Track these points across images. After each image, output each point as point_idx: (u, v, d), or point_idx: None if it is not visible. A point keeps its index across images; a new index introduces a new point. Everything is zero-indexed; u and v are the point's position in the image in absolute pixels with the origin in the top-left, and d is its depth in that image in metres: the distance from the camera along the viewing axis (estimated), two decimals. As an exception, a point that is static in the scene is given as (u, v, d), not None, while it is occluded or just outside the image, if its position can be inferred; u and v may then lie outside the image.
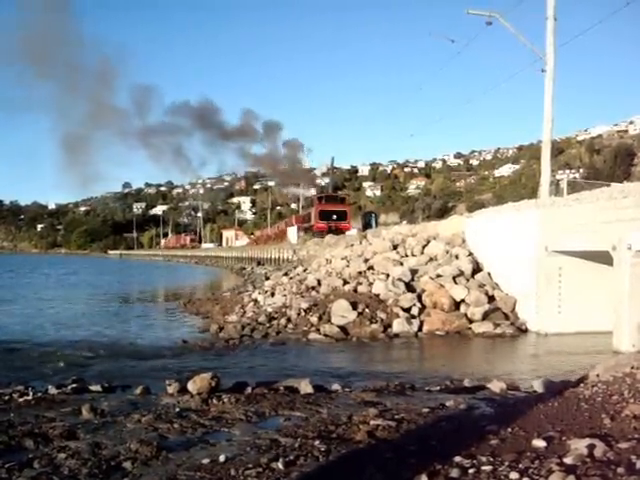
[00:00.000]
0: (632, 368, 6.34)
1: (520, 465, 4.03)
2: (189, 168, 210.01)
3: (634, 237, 11.93)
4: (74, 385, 8.03)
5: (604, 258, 13.07)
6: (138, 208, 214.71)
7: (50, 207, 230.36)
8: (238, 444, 4.86)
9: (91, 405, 6.05)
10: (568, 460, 3.99)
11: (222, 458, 4.45)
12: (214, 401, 6.43)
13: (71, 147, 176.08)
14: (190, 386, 7.02)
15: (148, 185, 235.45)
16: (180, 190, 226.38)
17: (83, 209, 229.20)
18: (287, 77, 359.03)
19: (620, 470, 3.74)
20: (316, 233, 48.84)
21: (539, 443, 4.44)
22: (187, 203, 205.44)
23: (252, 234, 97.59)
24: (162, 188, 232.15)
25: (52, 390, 7.59)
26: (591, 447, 4.13)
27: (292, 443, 4.79)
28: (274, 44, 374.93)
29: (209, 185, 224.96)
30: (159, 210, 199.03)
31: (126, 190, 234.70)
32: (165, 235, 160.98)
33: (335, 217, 51.41)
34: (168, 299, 30.39)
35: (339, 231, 46.21)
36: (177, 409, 6.10)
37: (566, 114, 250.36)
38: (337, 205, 54.08)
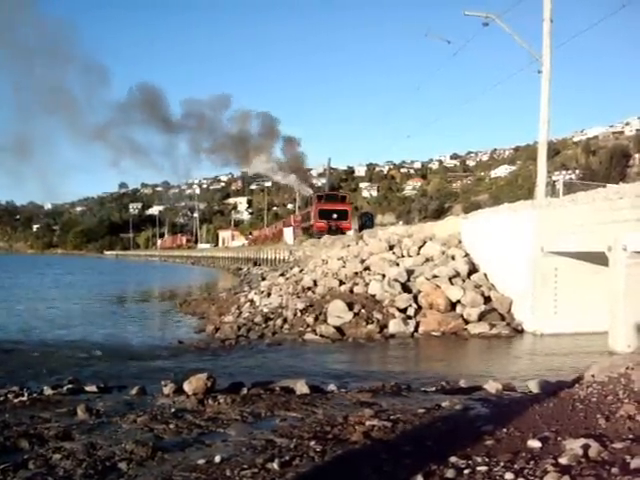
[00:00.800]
0: (627, 369, 6.34)
1: (515, 465, 4.03)
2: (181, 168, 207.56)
3: (629, 238, 11.97)
4: (69, 386, 8.00)
5: (600, 259, 13.10)
6: (134, 208, 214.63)
7: (46, 207, 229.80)
8: (234, 445, 4.85)
9: (86, 406, 6.04)
10: (563, 460, 4.00)
11: (217, 459, 4.44)
12: (210, 402, 6.42)
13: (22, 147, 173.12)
14: (186, 387, 7.01)
15: (144, 185, 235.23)
16: (176, 190, 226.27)
17: (79, 209, 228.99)
18: (283, 78, 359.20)
19: (614, 470, 3.75)
20: (316, 233, 47.09)
21: (534, 443, 4.45)
22: (183, 203, 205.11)
23: (250, 234, 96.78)
24: (158, 188, 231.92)
25: (47, 391, 7.56)
26: (586, 447, 4.14)
27: (288, 444, 4.79)
28: (269, 44, 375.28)
29: (205, 185, 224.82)
30: (155, 210, 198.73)
31: (122, 190, 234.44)
32: (161, 235, 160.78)
33: (335, 216, 49.24)
34: (164, 299, 30.40)
35: (340, 231, 44.95)
36: (173, 410, 6.08)
37: (562, 115, 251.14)
38: (337, 204, 51.64)
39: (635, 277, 12.03)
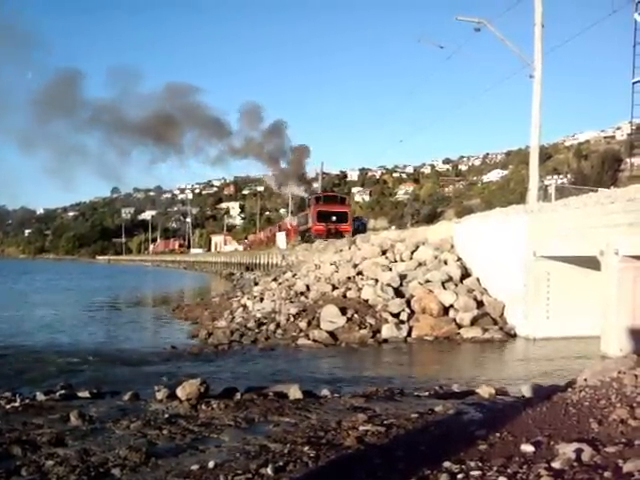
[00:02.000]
0: (619, 373, 6.38)
1: (509, 470, 4.05)
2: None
3: (621, 242, 12.03)
4: (62, 391, 7.97)
5: (592, 263, 13.15)
6: (127, 213, 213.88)
7: (38, 212, 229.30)
8: (227, 450, 4.84)
9: (79, 411, 6.01)
10: (556, 465, 4.02)
11: (211, 464, 4.43)
12: (203, 407, 6.41)
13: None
14: (179, 392, 6.99)
15: (137, 190, 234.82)
16: (169, 195, 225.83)
17: (72, 214, 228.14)
18: (275, 82, 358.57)
19: (607, 474, 3.78)
20: (314, 236, 44.36)
21: (527, 448, 4.47)
22: (176, 208, 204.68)
23: (246, 238, 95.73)
24: (151, 193, 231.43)
25: (40, 396, 7.52)
26: (579, 451, 4.16)
27: (281, 449, 4.78)
28: (263, 48, 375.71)
29: (198, 190, 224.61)
30: (148, 215, 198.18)
31: (115, 195, 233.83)
32: (154, 240, 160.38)
33: (335, 219, 46.17)
34: (157, 304, 30.34)
35: (339, 234, 42.21)
36: (166, 415, 6.07)
37: (554, 120, 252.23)
38: (337, 206, 48.48)
39: (627, 281, 12.08)
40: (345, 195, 60.70)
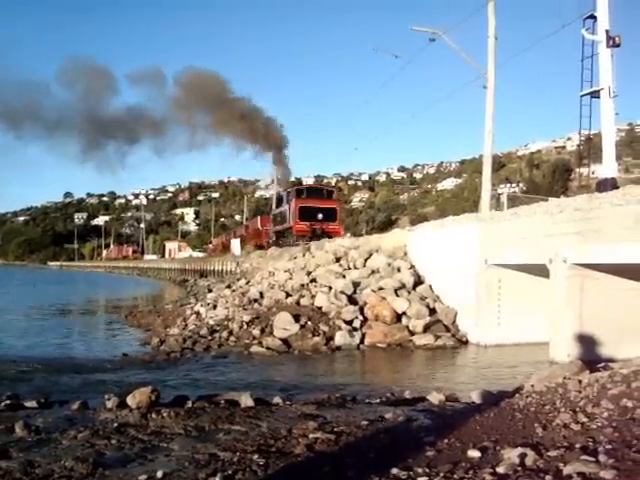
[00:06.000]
0: (564, 378, 6.53)
1: (455, 475, 4.11)
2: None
3: (569, 251, 12.29)
4: (8, 401, 7.77)
5: (542, 271, 13.39)
6: (79, 218, 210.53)
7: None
8: (176, 459, 4.80)
9: (25, 422, 5.88)
10: (501, 469, 4.09)
11: (159, 474, 4.39)
12: (153, 415, 6.33)
13: None
14: (129, 400, 6.91)
15: (90, 195, 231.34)
16: (123, 200, 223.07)
17: (22, 219, 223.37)
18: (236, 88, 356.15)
19: (548, 477, 3.86)
20: (295, 238, 37.33)
21: (474, 453, 4.53)
22: (130, 214, 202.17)
23: (210, 242, 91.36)
24: (104, 198, 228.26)
25: (-16, 407, 7.35)
26: (522, 456, 4.24)
27: (231, 457, 4.76)
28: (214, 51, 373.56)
29: (152, 196, 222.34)
30: (101, 221, 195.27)
31: (67, 200, 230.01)
32: (107, 246, 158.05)
33: (321, 216, 37.48)
34: (109, 311, 29.80)
35: (327, 235, 34.20)
36: (115, 424, 5.98)
37: (507, 130, 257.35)
38: (323, 201, 39.15)
39: (574, 289, 12.33)
40: (333, 187, 50.72)
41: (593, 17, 20.58)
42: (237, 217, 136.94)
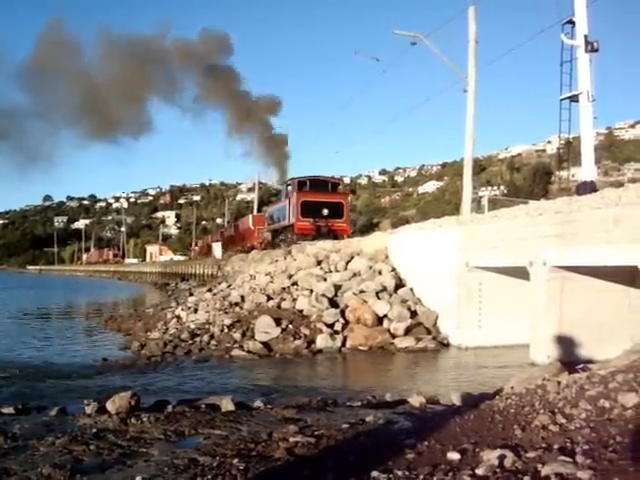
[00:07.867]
0: (543, 380, 6.56)
1: (434, 478, 4.12)
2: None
3: (549, 253, 12.38)
4: (-16, 408, 7.69)
5: (522, 273, 13.46)
6: (59, 222, 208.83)
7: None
8: (156, 464, 4.77)
9: (1, 428, 5.82)
10: (480, 471, 4.11)
11: (138, 479, 4.37)
12: (133, 421, 6.29)
13: None
14: (109, 406, 6.85)
15: (70, 198, 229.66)
16: (103, 204, 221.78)
17: (0, 222, 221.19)
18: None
19: (526, 478, 3.90)
20: (296, 238, 32.34)
21: (453, 455, 4.54)
22: (110, 217, 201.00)
23: (196, 244, 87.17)
24: (85, 202, 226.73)
25: (-41, 414, 7.25)
26: (502, 457, 4.26)
27: (211, 462, 4.74)
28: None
29: (133, 199, 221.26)
30: (81, 224, 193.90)
31: (47, 203, 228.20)
32: (87, 250, 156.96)
33: (326, 212, 32.82)
34: (89, 316, 29.58)
35: (333, 234, 31.23)
36: (94, 430, 5.92)
37: (488, 133, 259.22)
38: (329, 194, 34.39)
39: (555, 291, 12.41)
40: (338, 179, 42.39)
41: (572, 22, 20.79)
42: (219, 220, 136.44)
